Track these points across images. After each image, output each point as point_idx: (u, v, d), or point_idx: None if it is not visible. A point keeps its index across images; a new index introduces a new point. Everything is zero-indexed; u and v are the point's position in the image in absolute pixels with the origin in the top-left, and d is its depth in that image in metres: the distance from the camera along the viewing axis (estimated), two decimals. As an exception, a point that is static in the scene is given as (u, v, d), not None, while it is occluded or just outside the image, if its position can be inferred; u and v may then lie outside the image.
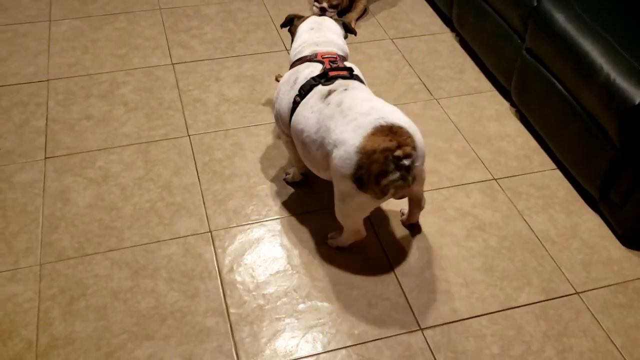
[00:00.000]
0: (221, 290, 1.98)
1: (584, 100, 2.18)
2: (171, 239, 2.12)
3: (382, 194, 1.75)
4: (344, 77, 1.97)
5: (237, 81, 2.83)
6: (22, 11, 3.21)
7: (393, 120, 1.75)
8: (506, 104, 2.77)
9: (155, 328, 1.86)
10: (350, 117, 1.79)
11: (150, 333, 1.85)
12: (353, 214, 1.91)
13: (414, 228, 2.19)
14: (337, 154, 1.77)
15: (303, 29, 2.20)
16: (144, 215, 2.20)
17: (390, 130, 1.73)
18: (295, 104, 1.98)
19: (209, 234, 2.15)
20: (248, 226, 2.18)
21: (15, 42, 3.00)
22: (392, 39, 3.16)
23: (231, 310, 1.92)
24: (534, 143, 2.58)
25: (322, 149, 1.84)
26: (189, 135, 2.53)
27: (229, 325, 1.88)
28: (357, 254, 2.10)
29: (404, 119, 1.80)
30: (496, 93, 2.84)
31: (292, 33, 2.26)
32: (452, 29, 3.21)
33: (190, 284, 1.99)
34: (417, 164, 1.75)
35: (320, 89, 1.94)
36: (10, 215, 2.18)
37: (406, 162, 1.70)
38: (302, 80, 2.00)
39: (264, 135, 2.55)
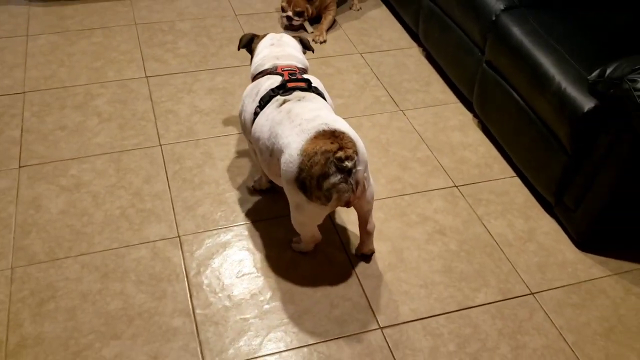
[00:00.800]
0: (188, 292, 2.03)
1: (538, 109, 2.29)
2: (140, 244, 2.18)
3: (326, 199, 1.80)
4: (302, 89, 2.06)
5: (209, 93, 2.91)
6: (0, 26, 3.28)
7: (336, 126, 1.83)
8: (469, 115, 2.88)
9: (122, 328, 1.91)
10: (295, 123, 1.87)
11: (117, 333, 1.90)
12: (306, 222, 1.98)
13: (366, 259, 2.19)
14: (283, 158, 1.84)
15: (263, 45, 2.29)
16: (115, 221, 2.26)
17: (333, 134, 1.80)
18: (256, 115, 2.06)
19: (178, 238, 2.21)
20: (216, 231, 2.25)
21: (-8, 55, 3.07)
22: (361, 54, 3.27)
23: (197, 311, 1.98)
24: (494, 152, 2.68)
25: (274, 155, 1.91)
26: (160, 145, 2.60)
27: (194, 325, 1.94)
28: (321, 257, 2.18)
29: (347, 127, 1.87)
30: (460, 105, 2.95)
31: (252, 51, 2.35)
32: (419, 43, 3.33)
33: (158, 286, 2.05)
34: (359, 168, 1.81)
35: (278, 99, 2.02)
36: (-18, 222, 2.23)
37: (348, 163, 1.76)
38: (262, 92, 2.08)
39: (234, 144, 2.62)
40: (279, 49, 2.26)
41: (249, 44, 2.35)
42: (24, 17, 3.36)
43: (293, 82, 2.08)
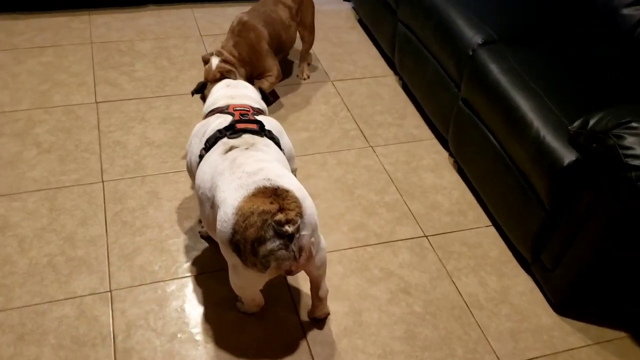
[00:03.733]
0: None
1: (515, 156, 2.07)
2: (66, 299, 1.94)
3: (263, 267, 1.57)
4: (252, 131, 1.83)
5: (163, 123, 2.67)
6: (-58, 41, 3.03)
7: (280, 183, 1.60)
8: (445, 154, 2.66)
9: (32, 404, 1.67)
10: (236, 175, 1.64)
11: (25, 410, 1.66)
12: (244, 287, 1.75)
13: (319, 323, 1.95)
14: (218, 215, 1.61)
15: (217, 87, 2.10)
16: (40, 271, 2.01)
17: (274, 193, 1.57)
18: (201, 158, 1.83)
19: (109, 293, 1.97)
20: (153, 285, 2.01)
21: None
22: (332, 81, 3.05)
23: (121, 384, 1.74)
24: (470, 197, 2.46)
25: (214, 209, 1.68)
26: (102, 182, 2.36)
27: (116, 402, 1.70)
28: (270, 319, 1.94)
29: (294, 184, 1.63)
30: (436, 142, 2.73)
31: (205, 96, 2.13)
32: (396, 72, 3.11)
33: (80, 351, 1.80)
34: (303, 233, 1.58)
35: (224, 143, 1.79)
36: None
37: (288, 228, 1.52)
38: (209, 133, 1.86)
39: (184, 182, 2.39)
40: (235, 90, 2.05)
41: (202, 89, 2.12)
42: (-29, 32, 3.12)
43: (243, 124, 1.85)
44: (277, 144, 1.89)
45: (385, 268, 2.14)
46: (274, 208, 1.54)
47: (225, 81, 2.11)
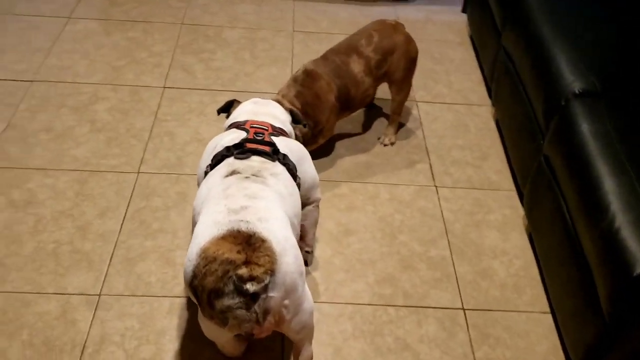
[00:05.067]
0: (73, 374, 1.67)
1: (583, 240, 1.65)
2: (54, 294, 1.85)
3: (222, 322, 1.34)
4: (264, 153, 1.60)
5: (219, 120, 2.51)
6: (47, 4, 3.10)
7: (258, 228, 1.35)
8: (520, 212, 2.25)
9: (-21, 402, 1.60)
10: (217, 208, 1.42)
11: (-30, 407, 1.59)
12: (208, 334, 1.53)
13: None
14: (188, 249, 1.40)
15: (245, 103, 1.89)
16: (43, 258, 1.95)
17: (247, 240, 1.32)
18: (206, 175, 1.64)
19: (97, 297, 1.86)
20: (143, 299, 1.86)
21: (24, 34, 2.89)
22: (417, 102, 2.71)
23: (70, 403, 1.61)
24: (534, 272, 2.05)
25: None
26: (138, 172, 2.26)
27: (58, 422, 1.57)
28: (249, 367, 1.72)
29: (277, 233, 1.37)
30: (514, 195, 2.32)
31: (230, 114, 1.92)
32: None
33: (46, 355, 1.70)
34: (271, 294, 1.32)
35: (229, 164, 1.58)
36: None
37: (250, 287, 1.27)
38: (219, 148, 1.66)
39: (216, 190, 2.21)
40: (261, 107, 1.84)
41: (229, 107, 1.92)
42: (77, -3, 3.17)
43: (254, 144, 1.63)
44: (292, 170, 1.65)
45: (401, 338, 1.82)
46: (239, 259, 1.30)
47: (253, 99, 1.89)
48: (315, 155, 2.39)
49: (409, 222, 2.17)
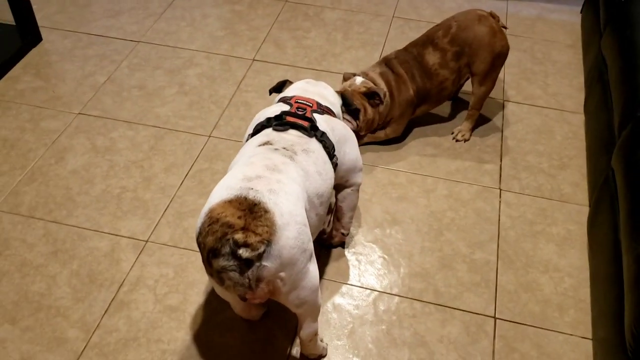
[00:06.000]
0: (106, 307, 1.82)
1: (624, 264, 1.50)
2: (108, 233, 2.02)
3: (219, 281, 1.38)
4: (302, 128, 1.63)
5: (297, 96, 2.57)
6: (169, -28, 3.33)
7: (265, 198, 1.37)
8: (585, 229, 2.08)
9: (24, 315, 1.79)
10: (236, 173, 1.47)
11: (16, 318, 1.78)
12: (216, 291, 1.58)
13: None
14: None
15: (296, 82, 1.91)
16: (107, 200, 2.13)
17: (250, 208, 1.35)
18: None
19: (144, 243, 2.00)
20: (182, 251, 1.97)
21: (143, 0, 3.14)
22: (504, 100, 2.58)
23: (96, 333, 1.76)
24: (584, 294, 1.89)
25: None
26: (209, 136, 2.38)
27: (83, 348, 1.72)
28: (261, 333, 1.77)
29: (284, 207, 1.38)
30: (585, 210, 2.14)
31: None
32: (589, 112, 2.51)
33: (87, 286, 1.87)
34: (265, 263, 1.34)
35: (266, 134, 1.62)
36: (12, 155, 2.28)
37: (243, 252, 1.30)
38: (261, 119, 1.71)
39: (276, 162, 2.28)
40: (312, 87, 1.86)
41: (281, 87, 1.96)
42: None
43: (293, 117, 1.66)
44: (329, 149, 1.66)
45: (420, 334, 1.78)
46: (238, 224, 1.34)
47: (306, 79, 1.92)
48: (382, 142, 2.37)
49: (461, 222, 2.09)
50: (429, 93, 2.29)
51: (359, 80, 2.19)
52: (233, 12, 3.06)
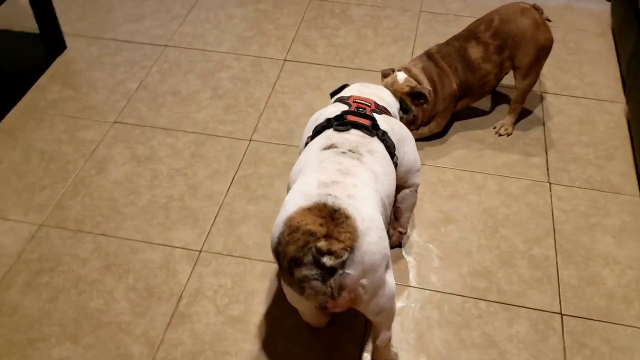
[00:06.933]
0: (168, 320, 1.79)
1: None
2: (160, 245, 1.99)
3: (299, 290, 1.36)
4: (363, 127, 1.60)
5: (334, 95, 2.54)
6: (188, -27, 3.28)
7: (345, 204, 1.34)
8: (642, 220, 2.07)
9: (85, 332, 1.76)
10: (309, 179, 1.43)
11: (77, 336, 1.75)
12: (291, 300, 1.55)
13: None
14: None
15: (352, 85, 1.88)
16: (155, 210, 2.09)
17: (331, 214, 1.32)
18: (306, 146, 1.67)
19: (198, 253, 1.97)
20: (239, 260, 1.94)
21: (165, 2, 3.08)
22: (542, 92, 2.56)
23: (161, 348, 1.73)
24: (648, 285, 1.88)
25: None
26: (250, 140, 2.35)
27: (149, 362, 1.70)
28: (327, 340, 1.74)
29: (364, 212, 1.35)
30: (638, 200, 2.13)
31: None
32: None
33: (147, 300, 1.84)
34: (349, 271, 1.31)
35: (327, 136, 1.59)
36: (51, 168, 2.24)
37: (327, 260, 1.27)
38: (320, 120, 1.68)
39: (321, 164, 2.25)
40: (368, 89, 1.83)
41: (339, 91, 1.92)
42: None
43: (354, 116, 1.63)
44: (390, 149, 1.63)
45: (489, 334, 1.76)
46: (320, 231, 1.31)
47: (361, 82, 1.89)
48: (425, 139, 2.34)
49: (515, 217, 2.07)
50: (472, 87, 2.26)
51: (401, 77, 2.15)
52: (258, 11, 3.02)
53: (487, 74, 2.24)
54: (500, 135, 2.37)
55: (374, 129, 1.60)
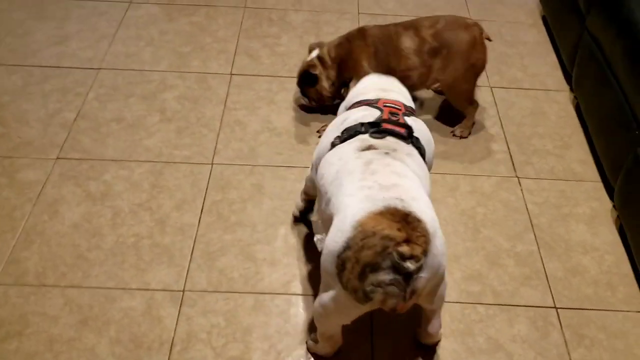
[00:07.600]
0: (163, 372, 1.66)
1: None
2: (138, 289, 1.84)
3: (365, 298, 1.32)
4: (399, 135, 1.56)
5: (290, 108, 2.46)
6: (108, -12, 3.07)
7: (413, 208, 1.33)
8: (608, 205, 2.15)
9: (73, 399, 1.59)
10: (366, 183, 1.40)
11: (65, 404, 1.58)
12: (331, 314, 1.48)
13: (428, 351, 1.71)
14: (335, 220, 1.39)
15: (366, 78, 1.86)
16: (124, 251, 1.93)
17: (404, 219, 1.31)
18: (333, 147, 1.61)
19: (181, 293, 1.84)
20: (226, 295, 1.83)
21: (89, 20, 2.86)
22: (491, 87, 2.61)
23: (162, 402, 1.60)
24: (626, 268, 1.96)
25: (328, 208, 1.48)
26: (212, 164, 2.22)
27: (152, 421, 1.56)
28: (339, 367, 1.69)
29: (428, 213, 1.37)
30: (600, 186, 2.22)
31: (346, 93, 1.92)
32: (572, 88, 2.59)
33: (134, 352, 1.69)
34: (422, 275, 1.31)
35: (362, 139, 1.55)
36: (-6, 217, 2.02)
37: (410, 265, 1.27)
38: (350, 123, 1.62)
39: (292, 181, 2.17)
40: (387, 83, 1.81)
41: (346, 84, 1.89)
42: (136, -19, 3.12)
43: (390, 124, 1.58)
44: (422, 154, 1.60)
45: (493, 338, 1.76)
46: (400, 236, 1.28)
47: (374, 74, 1.88)
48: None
49: (492, 216, 2.10)
50: (393, 73, 2.10)
51: (313, 55, 2.32)
52: (191, 24, 2.87)
53: (413, 67, 2.22)
54: (456, 136, 2.38)
55: (409, 138, 1.58)
